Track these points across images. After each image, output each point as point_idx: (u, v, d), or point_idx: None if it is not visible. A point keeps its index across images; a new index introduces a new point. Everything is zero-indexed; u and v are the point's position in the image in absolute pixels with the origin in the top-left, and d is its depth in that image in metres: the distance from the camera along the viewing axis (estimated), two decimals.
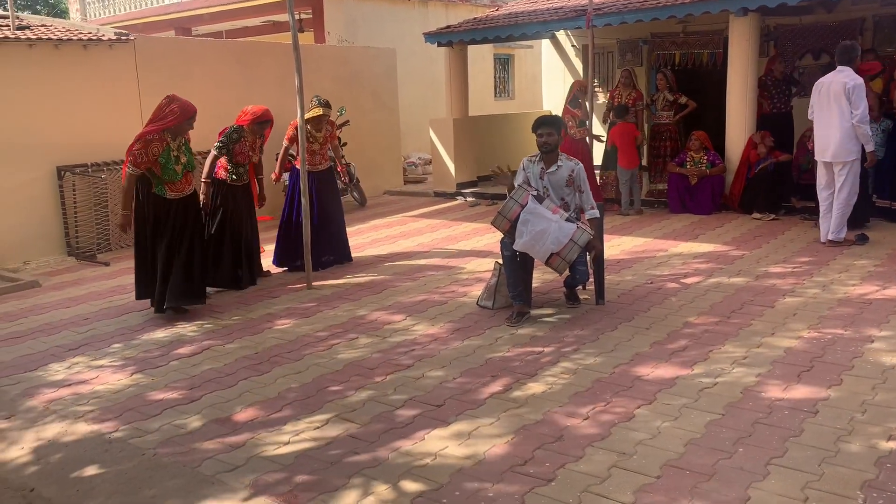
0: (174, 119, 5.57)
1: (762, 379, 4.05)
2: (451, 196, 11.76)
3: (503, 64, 18.58)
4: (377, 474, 3.25)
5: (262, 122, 6.65)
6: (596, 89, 12.23)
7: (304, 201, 6.59)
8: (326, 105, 7.10)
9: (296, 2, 6.47)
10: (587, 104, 8.95)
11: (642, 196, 9.67)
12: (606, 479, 3.11)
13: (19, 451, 3.69)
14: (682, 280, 6.16)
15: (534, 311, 5.45)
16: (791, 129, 9.43)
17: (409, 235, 8.79)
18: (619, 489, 3.02)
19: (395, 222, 9.78)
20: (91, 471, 3.44)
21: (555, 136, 5.36)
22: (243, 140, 6.60)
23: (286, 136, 7.19)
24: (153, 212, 5.63)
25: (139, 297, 5.90)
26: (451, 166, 11.84)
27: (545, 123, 5.37)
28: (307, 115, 6.88)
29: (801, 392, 3.86)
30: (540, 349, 4.70)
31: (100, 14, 18.70)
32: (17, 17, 9.18)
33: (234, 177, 6.62)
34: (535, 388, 4.09)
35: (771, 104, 9.41)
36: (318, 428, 3.74)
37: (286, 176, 7.67)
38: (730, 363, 4.30)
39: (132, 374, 4.64)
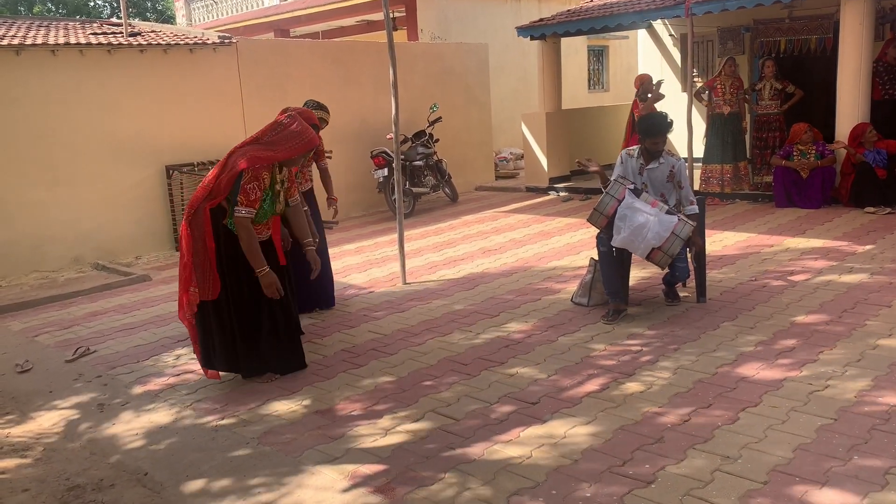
0: (289, 151, 4.31)
1: (878, 382, 3.81)
2: (544, 191, 11.65)
3: (597, 55, 18.24)
4: (473, 470, 3.25)
5: None
6: (695, 79, 11.84)
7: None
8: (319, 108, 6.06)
9: (390, 0, 6.51)
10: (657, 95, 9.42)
11: (746, 189, 9.31)
12: (709, 482, 3.00)
13: (133, 436, 3.89)
14: (789, 277, 5.88)
15: (631, 309, 5.32)
16: None
17: (501, 231, 8.76)
18: (723, 494, 2.91)
19: (487, 218, 9.77)
20: (199, 457, 3.59)
21: (666, 141, 5.21)
22: None
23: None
24: (226, 248, 4.29)
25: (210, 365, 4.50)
26: (544, 161, 11.73)
27: (661, 132, 5.09)
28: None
29: None
30: (638, 348, 4.59)
31: (204, 19, 19.54)
32: (130, 25, 9.69)
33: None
34: (632, 387, 4.00)
35: (883, 90, 8.87)
36: (414, 422, 3.78)
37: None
38: (842, 365, 4.07)
39: None
